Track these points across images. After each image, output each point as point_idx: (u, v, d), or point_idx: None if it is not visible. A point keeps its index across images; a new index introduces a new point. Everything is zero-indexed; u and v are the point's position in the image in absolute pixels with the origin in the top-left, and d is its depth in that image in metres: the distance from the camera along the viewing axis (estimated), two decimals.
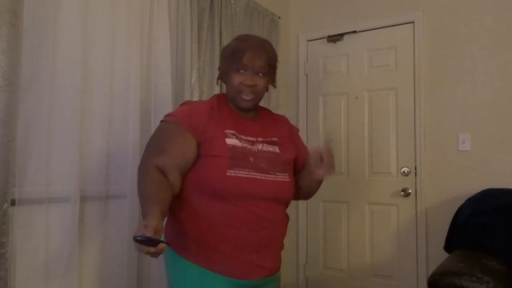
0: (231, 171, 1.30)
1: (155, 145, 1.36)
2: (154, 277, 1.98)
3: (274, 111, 2.98)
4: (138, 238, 1.03)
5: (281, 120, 1.59)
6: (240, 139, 1.38)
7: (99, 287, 1.82)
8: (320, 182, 1.51)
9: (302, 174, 1.52)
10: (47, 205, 1.62)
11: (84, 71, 1.76)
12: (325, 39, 3.27)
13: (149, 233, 1.04)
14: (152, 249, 1.05)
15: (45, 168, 1.62)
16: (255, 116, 1.50)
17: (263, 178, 1.35)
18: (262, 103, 2.94)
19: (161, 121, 1.42)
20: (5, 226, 1.44)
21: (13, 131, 1.48)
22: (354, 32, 3.15)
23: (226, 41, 2.49)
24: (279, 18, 3.19)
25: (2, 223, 1.43)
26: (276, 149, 1.45)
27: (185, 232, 1.33)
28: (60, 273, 1.64)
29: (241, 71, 1.39)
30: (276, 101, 3.06)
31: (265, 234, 1.34)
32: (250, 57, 1.38)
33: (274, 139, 1.47)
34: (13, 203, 1.49)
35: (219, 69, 1.51)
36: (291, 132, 1.58)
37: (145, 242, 1.04)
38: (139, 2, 2.00)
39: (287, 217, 1.47)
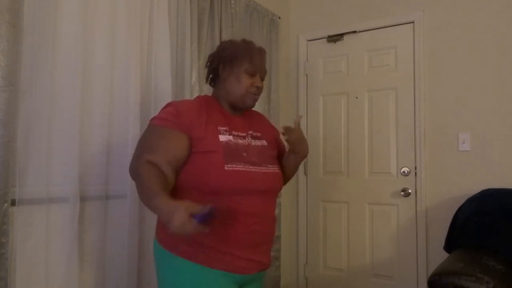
0: (228, 165, 1.32)
1: (146, 144, 1.35)
2: (154, 277, 1.97)
3: (274, 111, 3.04)
4: (205, 213, 1.08)
5: (262, 117, 1.67)
6: (232, 135, 1.41)
7: (99, 287, 1.81)
8: (301, 159, 1.62)
9: (285, 158, 1.62)
10: (47, 205, 1.61)
11: (84, 71, 1.76)
12: (325, 39, 3.27)
13: (197, 208, 1.09)
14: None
15: (45, 168, 1.62)
16: (241, 113, 1.54)
17: (257, 170, 1.39)
18: (261, 104, 2.94)
19: (149, 124, 1.41)
20: (5, 226, 1.44)
21: (13, 131, 1.48)
22: (354, 32, 3.15)
23: None
24: (279, 18, 3.19)
25: (2, 223, 1.43)
26: (263, 142, 1.51)
27: None
28: (60, 273, 1.64)
29: (252, 73, 1.44)
30: (276, 101, 3.05)
31: (259, 229, 1.38)
32: (259, 62, 1.46)
33: (259, 134, 1.53)
34: (13, 203, 1.49)
35: (214, 69, 1.51)
36: (273, 130, 1.66)
37: (211, 214, 1.09)
38: (139, 2, 2.00)
39: (275, 214, 1.52)
